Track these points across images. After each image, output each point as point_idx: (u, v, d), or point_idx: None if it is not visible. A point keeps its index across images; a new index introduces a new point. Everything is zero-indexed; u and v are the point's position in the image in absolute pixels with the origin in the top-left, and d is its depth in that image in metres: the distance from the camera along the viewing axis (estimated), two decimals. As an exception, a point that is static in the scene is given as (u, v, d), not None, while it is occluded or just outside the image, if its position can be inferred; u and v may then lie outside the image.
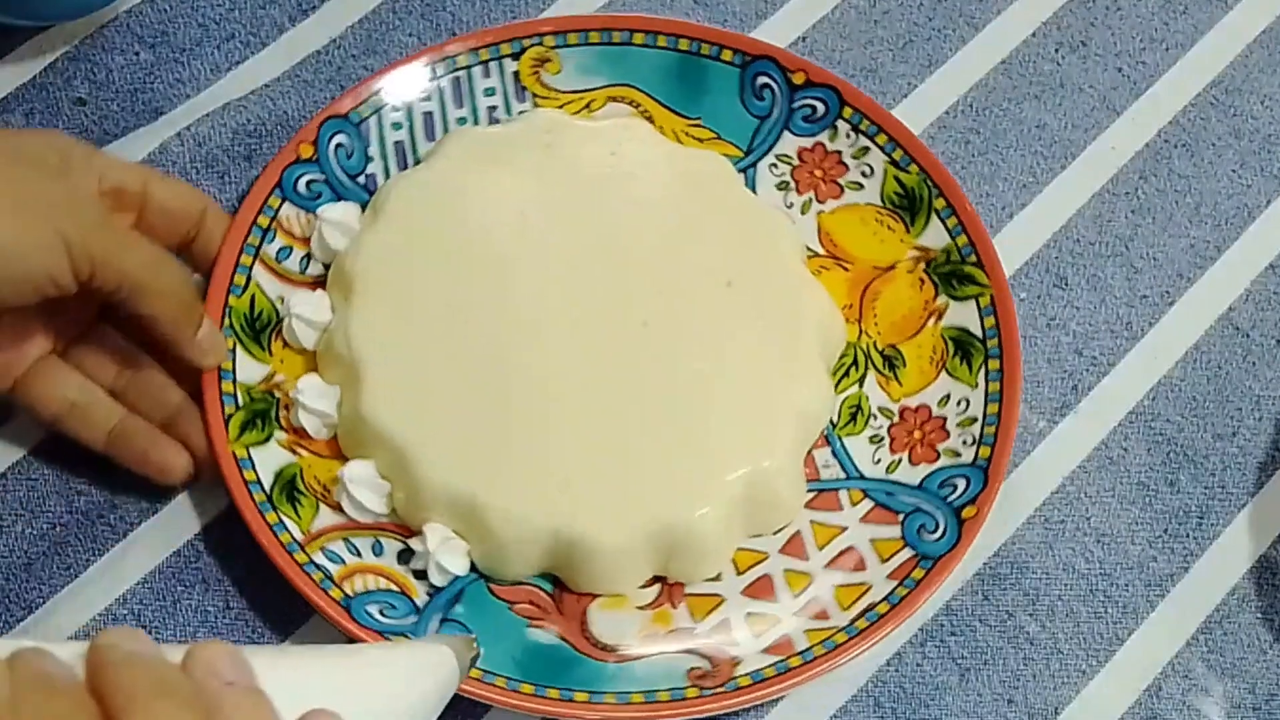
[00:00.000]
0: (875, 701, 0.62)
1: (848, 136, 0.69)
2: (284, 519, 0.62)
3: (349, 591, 0.61)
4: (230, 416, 0.63)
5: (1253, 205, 0.73)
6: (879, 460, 0.65)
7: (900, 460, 0.65)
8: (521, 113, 0.70)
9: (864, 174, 0.69)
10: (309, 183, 0.68)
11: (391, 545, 0.63)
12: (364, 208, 0.68)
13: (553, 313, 0.65)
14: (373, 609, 0.60)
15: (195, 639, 0.61)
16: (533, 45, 0.70)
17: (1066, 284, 0.70)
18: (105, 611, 0.62)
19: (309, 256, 0.67)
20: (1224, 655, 0.64)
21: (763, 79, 0.70)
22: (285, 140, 0.70)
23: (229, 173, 0.70)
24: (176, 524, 0.64)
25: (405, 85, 0.70)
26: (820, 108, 0.70)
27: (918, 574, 0.61)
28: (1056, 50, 0.75)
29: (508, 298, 0.65)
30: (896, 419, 0.65)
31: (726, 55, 0.70)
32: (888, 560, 0.62)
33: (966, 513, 0.62)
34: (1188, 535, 0.66)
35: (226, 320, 0.65)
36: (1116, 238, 0.71)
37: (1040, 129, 0.73)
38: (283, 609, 0.62)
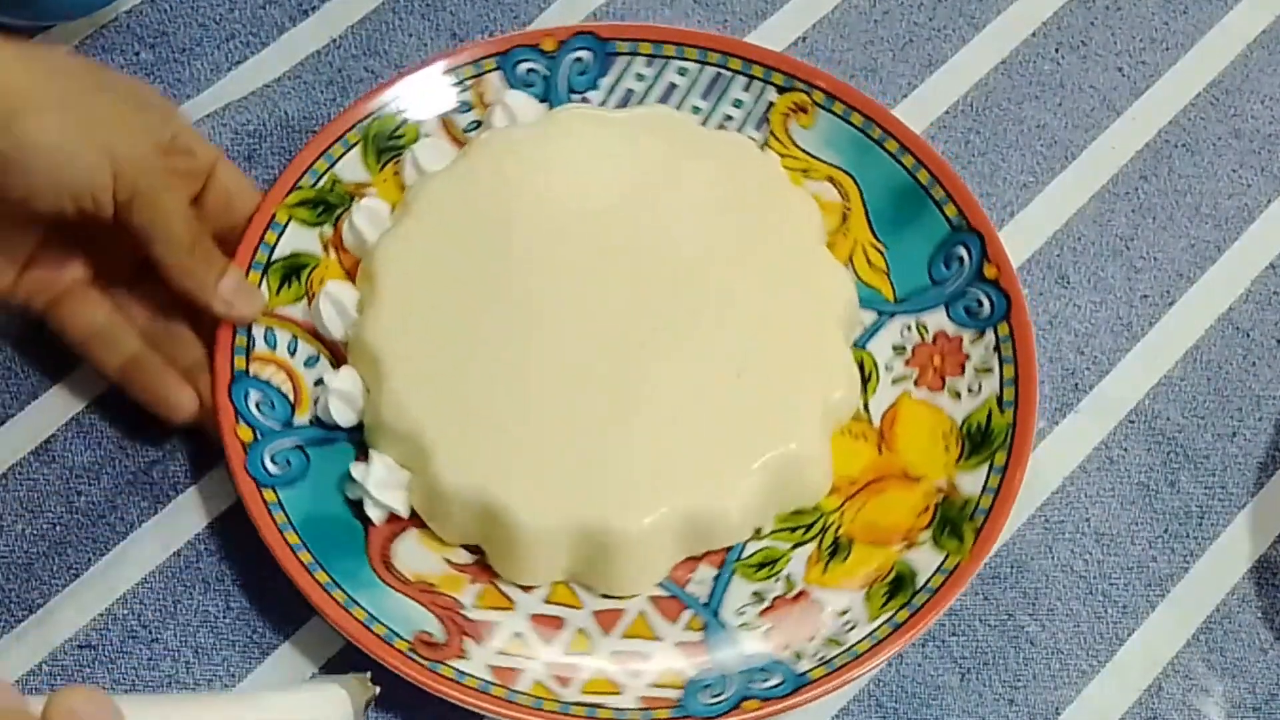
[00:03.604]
0: (877, 702, 0.62)
1: (985, 350, 0.66)
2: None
3: (251, 372, 0.63)
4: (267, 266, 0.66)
5: (1253, 205, 0.73)
6: (743, 613, 0.62)
7: (759, 629, 0.61)
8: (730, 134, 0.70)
9: (970, 390, 0.65)
10: (529, 70, 0.70)
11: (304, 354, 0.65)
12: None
13: (576, 303, 0.65)
14: (254, 395, 0.63)
15: (195, 639, 0.61)
16: (802, 90, 0.70)
17: (1068, 283, 0.70)
18: (105, 612, 0.62)
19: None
20: (1224, 655, 0.64)
21: (960, 250, 0.67)
22: (286, 141, 0.70)
23: (229, 173, 0.70)
24: (176, 524, 0.64)
25: (669, 52, 0.71)
26: (986, 309, 0.66)
27: (661, 715, 0.59)
28: (1056, 50, 0.75)
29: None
30: (790, 597, 0.62)
31: (950, 210, 0.67)
32: (654, 688, 0.60)
33: (749, 704, 0.59)
34: (1188, 535, 0.66)
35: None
36: (1117, 237, 0.71)
37: (1040, 129, 0.74)
38: (283, 609, 0.62)
